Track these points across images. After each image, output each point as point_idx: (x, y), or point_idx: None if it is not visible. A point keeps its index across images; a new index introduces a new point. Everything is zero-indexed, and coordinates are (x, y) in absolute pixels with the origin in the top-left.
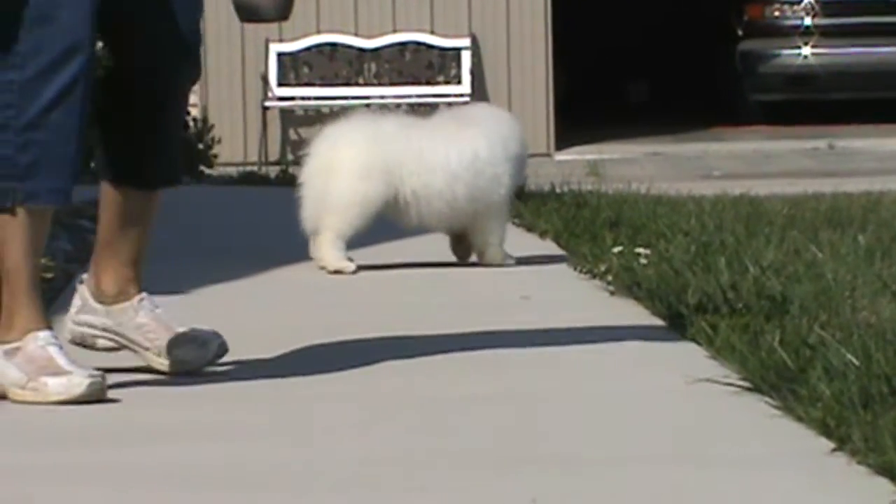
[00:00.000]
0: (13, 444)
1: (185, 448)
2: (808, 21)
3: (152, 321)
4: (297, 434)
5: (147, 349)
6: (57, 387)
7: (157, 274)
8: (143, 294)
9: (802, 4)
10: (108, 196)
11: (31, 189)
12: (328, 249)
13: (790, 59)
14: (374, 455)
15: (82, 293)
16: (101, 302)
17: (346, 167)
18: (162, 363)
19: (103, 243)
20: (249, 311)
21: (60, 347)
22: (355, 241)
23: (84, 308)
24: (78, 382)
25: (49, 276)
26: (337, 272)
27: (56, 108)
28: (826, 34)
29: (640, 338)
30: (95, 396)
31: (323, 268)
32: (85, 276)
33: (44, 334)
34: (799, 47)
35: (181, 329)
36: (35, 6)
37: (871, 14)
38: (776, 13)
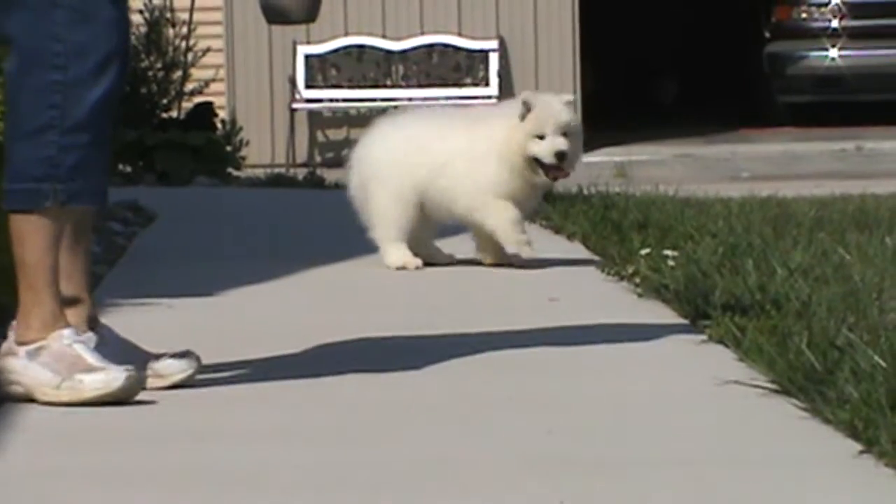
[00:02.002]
0: (51, 445)
1: (222, 449)
2: (835, 23)
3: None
4: (335, 435)
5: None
6: (94, 383)
7: (184, 276)
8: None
9: (830, 6)
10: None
11: (75, 190)
12: (384, 251)
13: (818, 61)
14: (407, 457)
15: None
16: None
17: (376, 173)
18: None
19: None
20: (278, 312)
21: (86, 344)
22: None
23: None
24: (115, 377)
25: None
26: (401, 268)
27: (101, 111)
28: (853, 36)
29: (667, 340)
30: (133, 391)
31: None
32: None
33: (68, 331)
34: (826, 49)
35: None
36: (77, 4)
37: None
38: (804, 15)
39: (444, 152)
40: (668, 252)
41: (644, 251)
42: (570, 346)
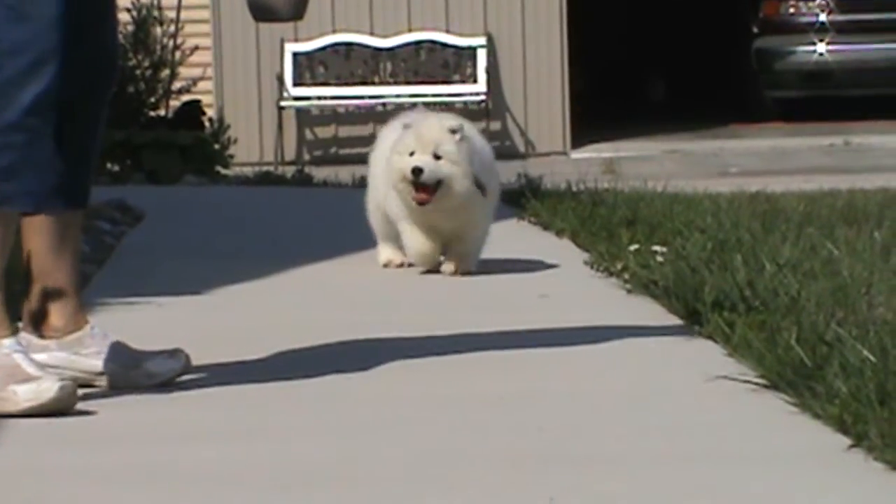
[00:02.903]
0: (38, 444)
1: (226, 447)
2: (823, 17)
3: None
4: (338, 432)
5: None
6: (27, 394)
7: (173, 274)
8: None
9: (817, 1)
10: (46, 229)
11: (7, 192)
12: (379, 247)
13: (806, 56)
14: (403, 454)
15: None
16: (49, 337)
17: (369, 172)
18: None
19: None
20: (267, 310)
21: (26, 354)
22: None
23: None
24: (47, 387)
25: None
26: (385, 265)
27: (37, 111)
28: (841, 31)
29: (657, 336)
30: (66, 402)
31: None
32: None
33: (8, 342)
34: (814, 44)
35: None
36: (13, 2)
37: (887, 10)
38: (791, 10)
39: (375, 165)
40: (657, 248)
41: (633, 247)
42: (559, 342)
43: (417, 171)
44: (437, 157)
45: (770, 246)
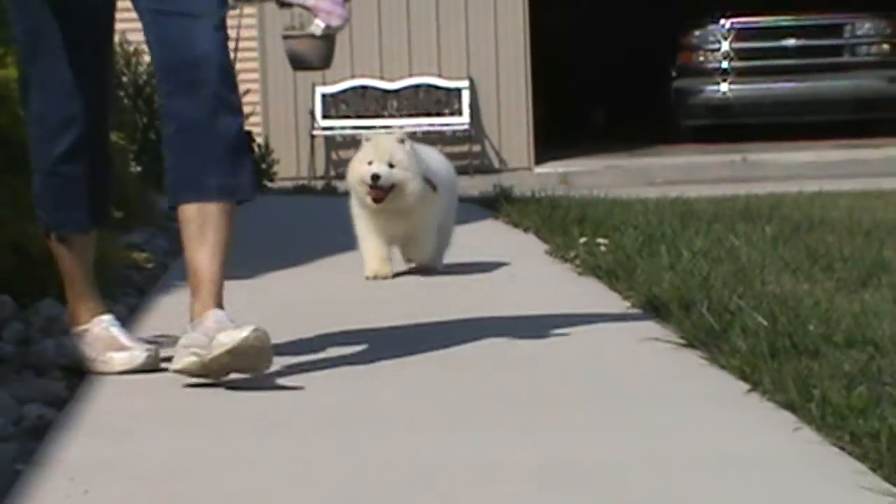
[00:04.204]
0: (130, 392)
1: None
2: (725, 64)
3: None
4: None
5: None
6: (121, 360)
7: (230, 263)
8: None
9: (721, 52)
10: (183, 223)
11: (57, 220)
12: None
13: (712, 94)
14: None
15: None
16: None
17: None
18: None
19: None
20: (302, 291)
21: (121, 327)
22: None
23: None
24: (138, 355)
25: (150, 266)
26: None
27: (64, 162)
28: (739, 74)
29: (601, 308)
30: (151, 366)
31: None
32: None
33: (107, 317)
34: (718, 84)
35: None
36: (37, 73)
37: (775, 59)
38: (701, 58)
39: None
40: (601, 240)
41: (582, 240)
42: (525, 312)
43: (375, 177)
44: (391, 166)
45: (686, 238)
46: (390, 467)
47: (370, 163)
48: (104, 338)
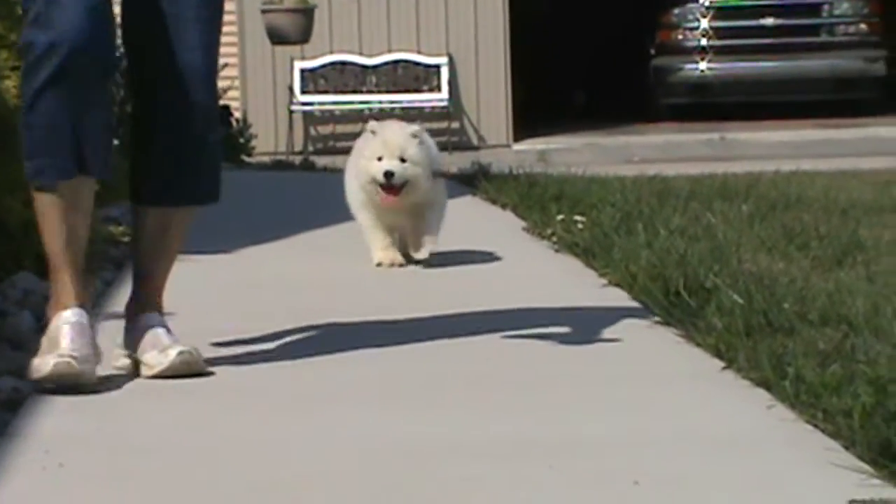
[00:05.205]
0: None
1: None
2: (703, 42)
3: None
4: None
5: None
6: (38, 364)
7: (208, 238)
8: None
9: (699, 30)
10: (139, 224)
11: (36, 167)
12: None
13: (690, 72)
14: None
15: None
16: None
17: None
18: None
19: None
20: (280, 265)
21: (79, 329)
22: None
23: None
24: (49, 361)
25: (126, 240)
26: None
27: (44, 94)
28: (718, 53)
29: (577, 285)
30: (65, 375)
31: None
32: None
33: (66, 313)
34: (697, 63)
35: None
36: (35, 8)
37: (753, 37)
38: (680, 37)
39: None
40: (578, 218)
41: (559, 217)
42: (504, 287)
43: (389, 175)
44: (403, 161)
45: (664, 216)
46: (364, 443)
47: (380, 158)
48: (51, 336)
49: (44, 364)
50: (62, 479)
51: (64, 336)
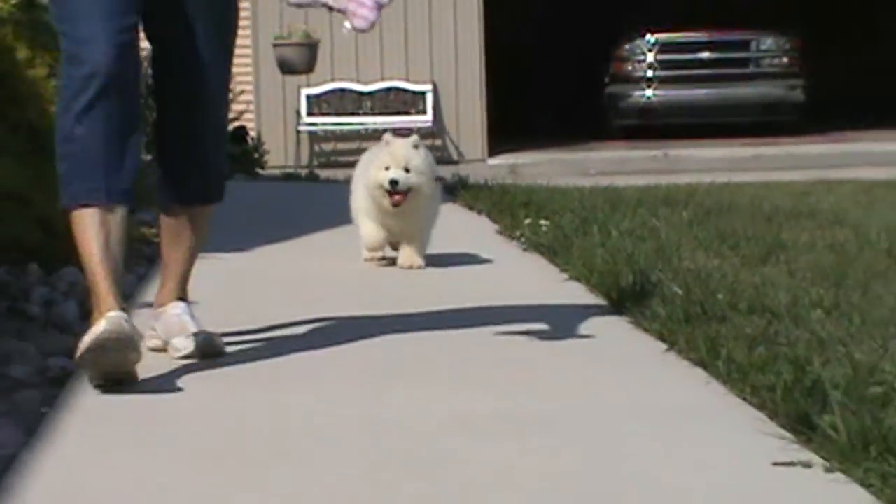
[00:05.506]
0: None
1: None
2: (650, 73)
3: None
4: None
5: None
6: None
7: (228, 238)
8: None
9: (646, 63)
10: (162, 222)
11: (72, 192)
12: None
13: (639, 98)
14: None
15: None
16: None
17: (353, 185)
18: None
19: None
20: (289, 262)
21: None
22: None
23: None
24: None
25: (157, 240)
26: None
27: (79, 124)
28: (662, 82)
29: (542, 279)
30: (110, 337)
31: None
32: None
33: (109, 314)
34: (644, 90)
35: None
36: (66, 49)
37: (691, 69)
38: (630, 68)
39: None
40: (543, 222)
41: (527, 221)
42: (478, 280)
43: (394, 183)
44: (407, 170)
45: (615, 221)
46: (362, 414)
47: (387, 168)
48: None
49: (95, 328)
50: (100, 445)
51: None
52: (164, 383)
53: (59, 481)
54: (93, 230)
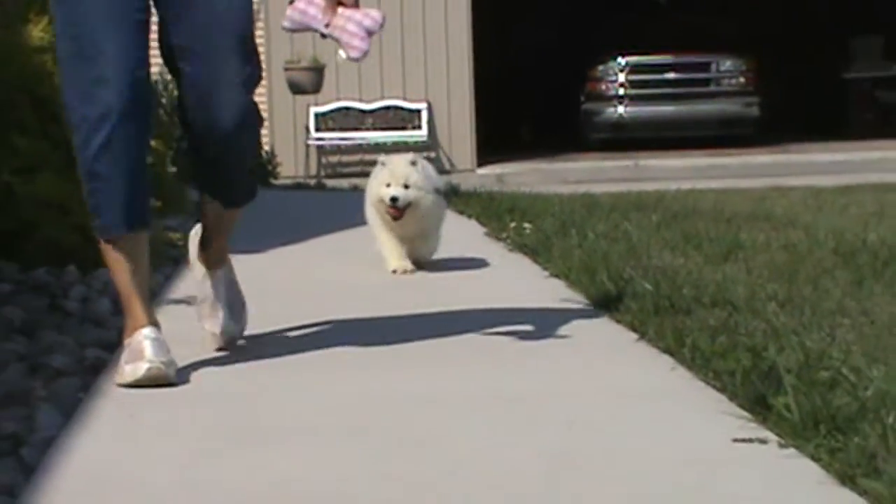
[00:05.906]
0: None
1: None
2: (621, 92)
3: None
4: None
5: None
6: (128, 371)
7: (246, 241)
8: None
9: (618, 82)
10: (202, 207)
11: (101, 224)
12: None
13: (611, 114)
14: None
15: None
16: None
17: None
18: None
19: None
20: (300, 263)
21: (155, 340)
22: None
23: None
24: (140, 366)
25: (181, 244)
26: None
27: (98, 162)
28: (632, 99)
29: (525, 276)
30: (153, 380)
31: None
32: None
33: (144, 330)
34: (616, 107)
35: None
36: (82, 88)
37: (659, 88)
38: (603, 87)
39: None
40: (526, 225)
41: (512, 224)
42: (468, 277)
43: (394, 199)
44: (406, 187)
45: (591, 224)
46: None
47: (388, 185)
48: (134, 349)
49: (137, 369)
50: (132, 428)
51: (147, 347)
52: (187, 373)
53: (94, 460)
54: (121, 258)
